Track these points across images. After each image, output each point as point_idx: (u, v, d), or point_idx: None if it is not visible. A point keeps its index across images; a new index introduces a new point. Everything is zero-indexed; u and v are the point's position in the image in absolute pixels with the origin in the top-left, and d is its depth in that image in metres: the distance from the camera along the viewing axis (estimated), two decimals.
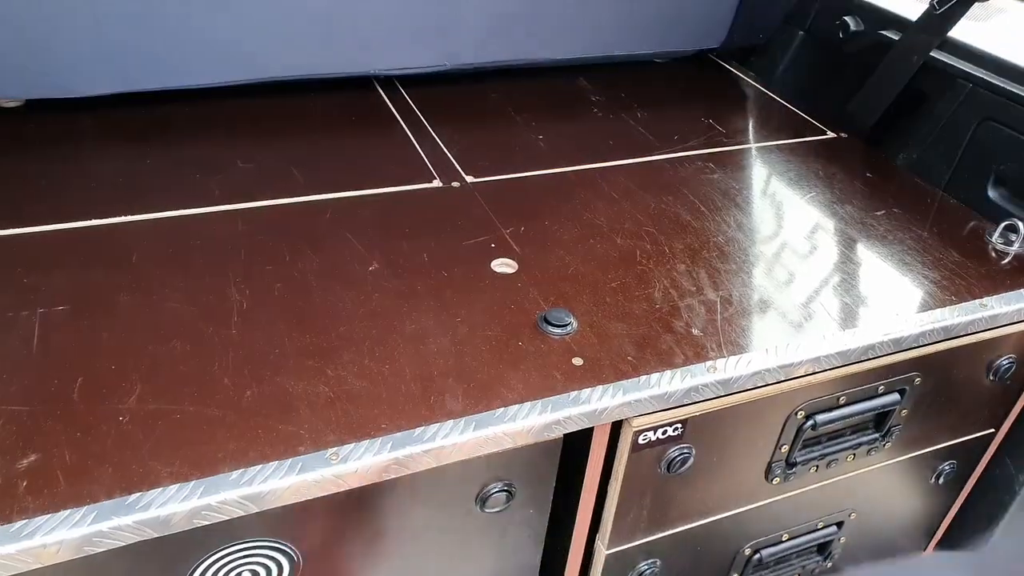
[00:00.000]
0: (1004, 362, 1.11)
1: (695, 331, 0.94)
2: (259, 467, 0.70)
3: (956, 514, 1.37)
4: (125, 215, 1.03)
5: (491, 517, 0.88)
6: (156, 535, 0.67)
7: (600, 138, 1.37)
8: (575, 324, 0.92)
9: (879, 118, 1.46)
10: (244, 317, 0.88)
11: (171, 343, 0.83)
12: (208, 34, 1.23)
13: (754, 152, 1.39)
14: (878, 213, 1.24)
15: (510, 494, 0.87)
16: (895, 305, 1.02)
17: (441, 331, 0.90)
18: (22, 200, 1.05)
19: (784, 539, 1.16)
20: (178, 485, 0.68)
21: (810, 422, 0.99)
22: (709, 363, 0.88)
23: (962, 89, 1.34)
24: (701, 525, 1.04)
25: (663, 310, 0.97)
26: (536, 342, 0.89)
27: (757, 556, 1.15)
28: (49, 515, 0.64)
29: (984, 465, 1.31)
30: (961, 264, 1.12)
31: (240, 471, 0.70)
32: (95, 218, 1.02)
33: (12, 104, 1.24)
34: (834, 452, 1.07)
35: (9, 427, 0.72)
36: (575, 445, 0.90)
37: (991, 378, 1.13)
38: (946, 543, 1.42)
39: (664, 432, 0.89)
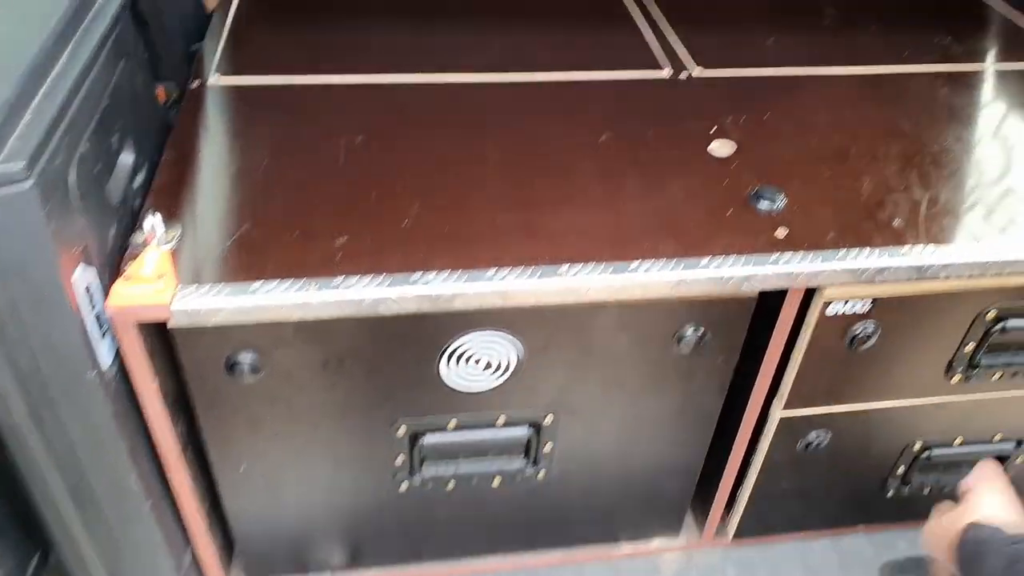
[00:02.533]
0: None
1: (897, 222, 1.00)
2: (508, 269, 0.88)
3: None
4: (404, 75, 1.23)
5: (684, 358, 1.02)
6: (428, 307, 0.87)
7: (830, 46, 1.40)
8: (783, 203, 1.01)
9: None
10: (497, 163, 1.06)
11: (443, 175, 1.03)
12: None
13: (988, 74, 1.37)
14: None
15: (703, 340, 1.00)
16: None
17: (659, 194, 1.03)
18: (328, 56, 1.28)
19: (957, 443, 1.21)
20: (448, 272, 0.87)
21: (1000, 325, 1.03)
22: (905, 247, 0.95)
23: None
24: (875, 408, 1.12)
25: (869, 202, 1.03)
26: (745, 213, 1.00)
27: (927, 454, 1.21)
28: (357, 277, 0.85)
29: None
30: None
31: (493, 269, 0.88)
32: (382, 74, 1.23)
33: None
34: (1023, 363, 1.10)
35: (327, 216, 0.94)
36: (768, 311, 1.01)
37: None
38: None
39: (853, 306, 0.98)
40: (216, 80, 1.19)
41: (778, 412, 1.10)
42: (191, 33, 1.34)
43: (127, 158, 0.98)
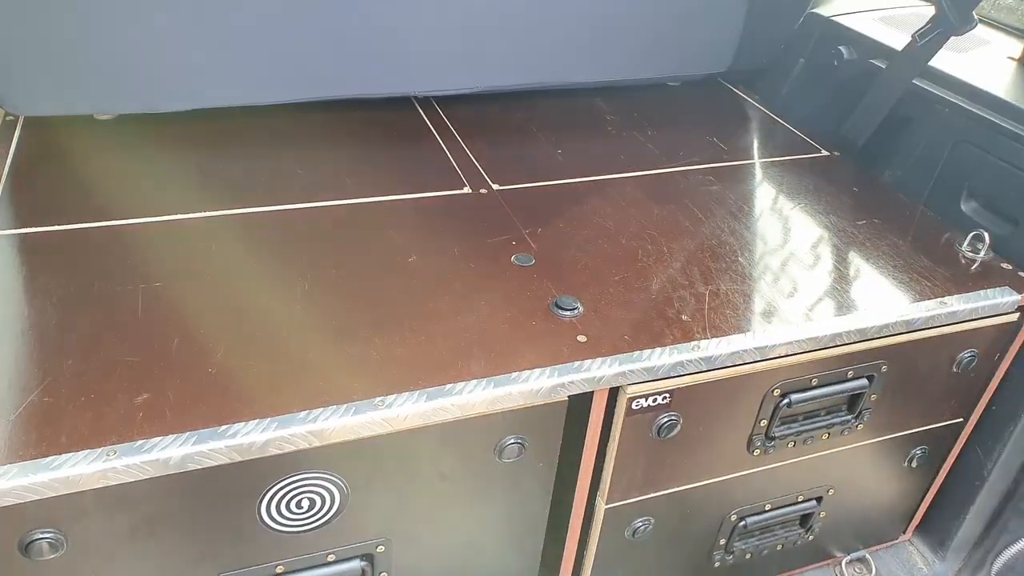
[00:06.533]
0: (966, 355, 1.26)
1: (684, 317, 1.10)
2: (321, 409, 0.88)
3: (932, 500, 1.51)
4: (204, 211, 1.22)
5: (507, 467, 1.05)
6: (240, 459, 0.85)
7: (613, 153, 1.54)
8: (581, 309, 1.09)
9: (868, 138, 1.62)
10: (306, 296, 1.06)
11: (249, 313, 1.02)
12: (273, 60, 1.42)
13: (751, 167, 1.55)
14: (860, 223, 1.39)
15: (523, 447, 1.03)
16: (864, 300, 1.17)
17: (468, 311, 1.07)
18: (116, 198, 1.24)
19: (767, 509, 1.31)
20: (257, 420, 0.86)
21: (785, 400, 1.15)
22: (694, 343, 1.05)
23: (940, 113, 1.49)
24: (690, 488, 1.20)
25: (658, 300, 1.13)
26: (548, 322, 1.06)
27: (743, 523, 1.30)
28: (160, 437, 0.82)
29: (956, 454, 1.44)
30: (930, 268, 1.27)
31: (306, 412, 0.87)
32: (180, 213, 1.21)
33: (106, 117, 1.44)
34: (810, 430, 1.22)
35: (125, 373, 0.90)
36: (579, 411, 1.06)
37: (955, 369, 1.27)
38: (923, 527, 1.56)
39: (655, 400, 1.05)
40: None
41: (602, 504, 1.15)
42: None
43: None
